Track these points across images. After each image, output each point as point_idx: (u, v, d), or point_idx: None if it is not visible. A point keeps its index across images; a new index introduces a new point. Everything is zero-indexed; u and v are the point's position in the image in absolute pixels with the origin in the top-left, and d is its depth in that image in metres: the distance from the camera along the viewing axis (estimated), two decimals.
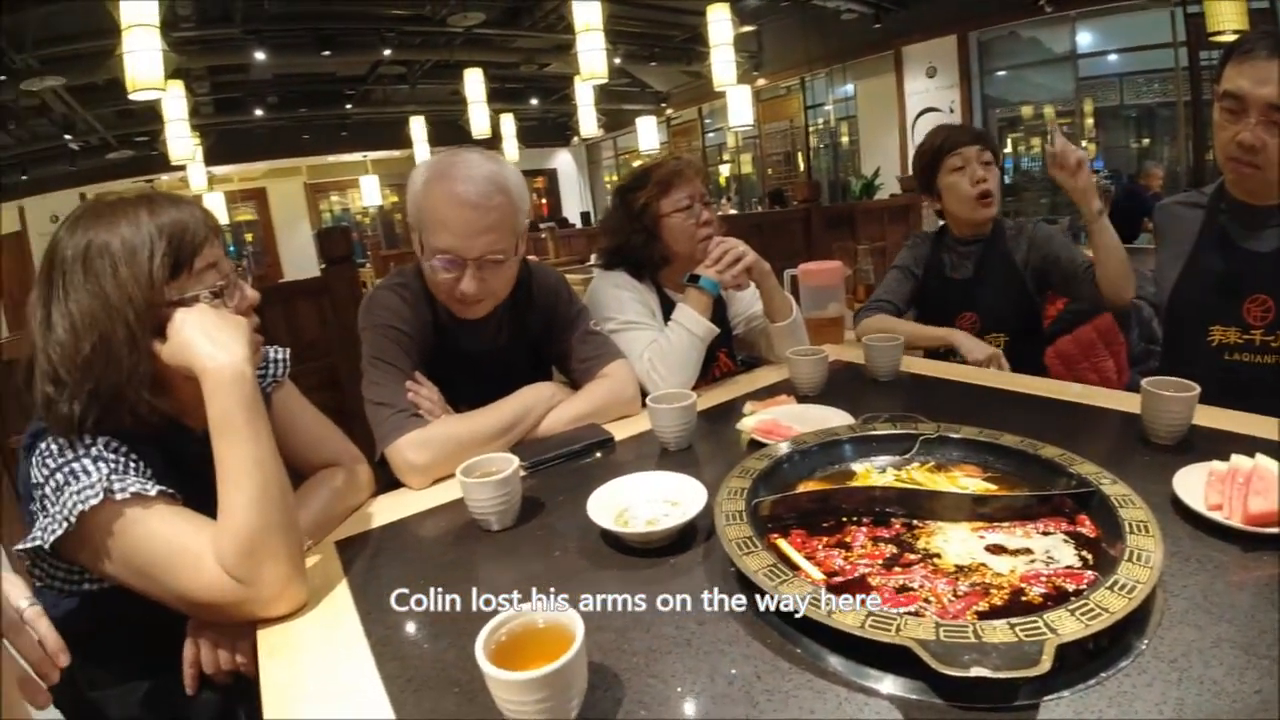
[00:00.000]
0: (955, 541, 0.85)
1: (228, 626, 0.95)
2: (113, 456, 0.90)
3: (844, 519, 0.91)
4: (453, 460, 1.18)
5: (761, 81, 10.24)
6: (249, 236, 13.13)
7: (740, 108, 6.96)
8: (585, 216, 12.72)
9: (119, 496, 0.86)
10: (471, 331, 1.45)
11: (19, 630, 0.74)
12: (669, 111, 12.21)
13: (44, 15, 5.76)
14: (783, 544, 0.87)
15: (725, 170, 11.99)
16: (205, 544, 0.87)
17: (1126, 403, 1.26)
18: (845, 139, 10.02)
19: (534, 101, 11.75)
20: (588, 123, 7.74)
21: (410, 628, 0.84)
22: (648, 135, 9.09)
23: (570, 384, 1.56)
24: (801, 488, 1.00)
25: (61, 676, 1.05)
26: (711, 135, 12.32)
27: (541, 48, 8.88)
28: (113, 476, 0.87)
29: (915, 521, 0.89)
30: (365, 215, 13.34)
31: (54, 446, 0.89)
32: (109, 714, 1.04)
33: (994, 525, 0.87)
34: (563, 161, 15.38)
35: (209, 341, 0.90)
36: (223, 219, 11.97)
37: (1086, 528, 0.85)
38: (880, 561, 0.82)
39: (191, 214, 0.96)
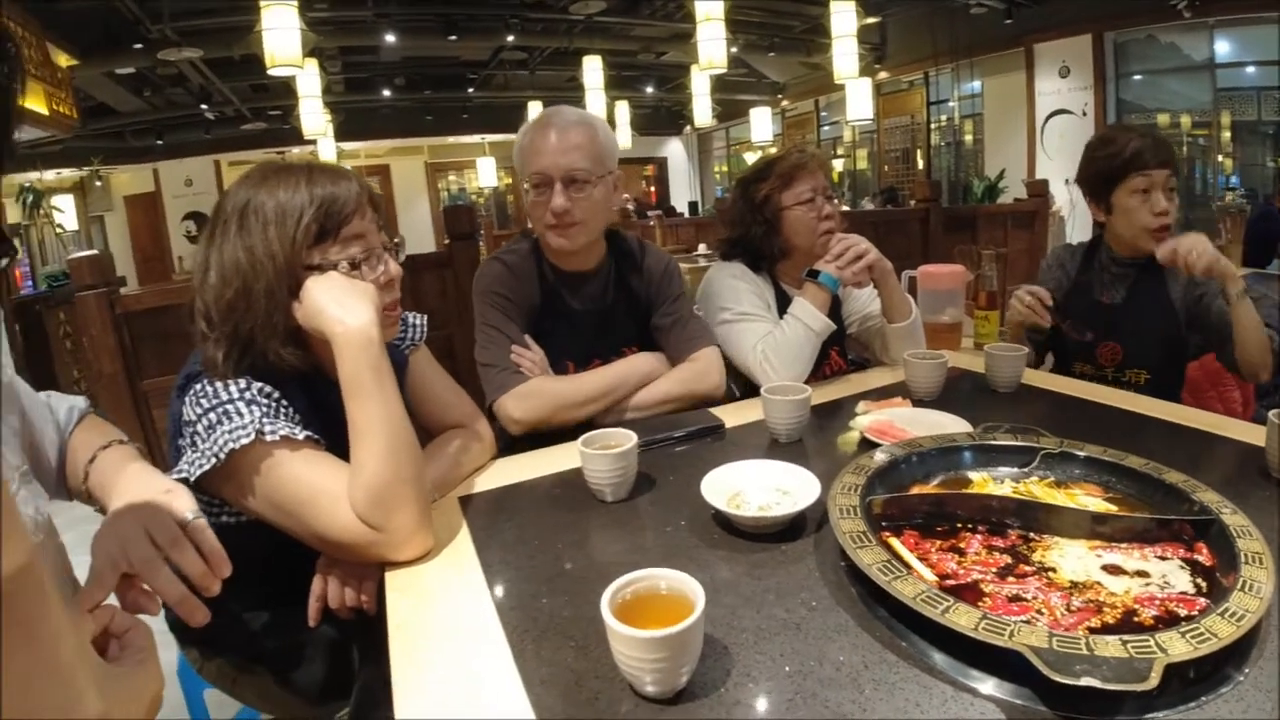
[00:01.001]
0: (1071, 557, 0.84)
1: (355, 566, 1.02)
2: (265, 401, 0.97)
3: (959, 525, 0.91)
4: (548, 414, 1.40)
5: (883, 75, 9.91)
6: None
7: (859, 101, 6.78)
8: (693, 206, 12.70)
9: (269, 438, 0.93)
10: (578, 289, 1.57)
11: (180, 545, 0.80)
12: (784, 103, 12.00)
13: None
14: (895, 543, 0.87)
15: (839, 165, 11.70)
16: (344, 488, 0.94)
17: (1251, 434, 1.22)
18: (969, 138, 9.55)
19: (649, 89, 11.80)
20: (702, 112, 7.71)
21: (529, 582, 0.89)
22: (761, 126, 8.98)
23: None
24: (915, 490, 1.00)
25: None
26: (827, 129, 12.02)
27: (659, 36, 8.91)
28: (264, 419, 0.94)
29: (1032, 534, 0.88)
30: (480, 195, 13.80)
31: (209, 388, 0.97)
32: (228, 639, 1.13)
33: (1112, 545, 0.86)
34: (674, 150, 15.38)
35: (338, 307, 0.96)
36: None
37: (1203, 555, 0.83)
38: (994, 570, 0.82)
39: (348, 188, 1.02)
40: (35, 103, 5.33)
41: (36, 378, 4.19)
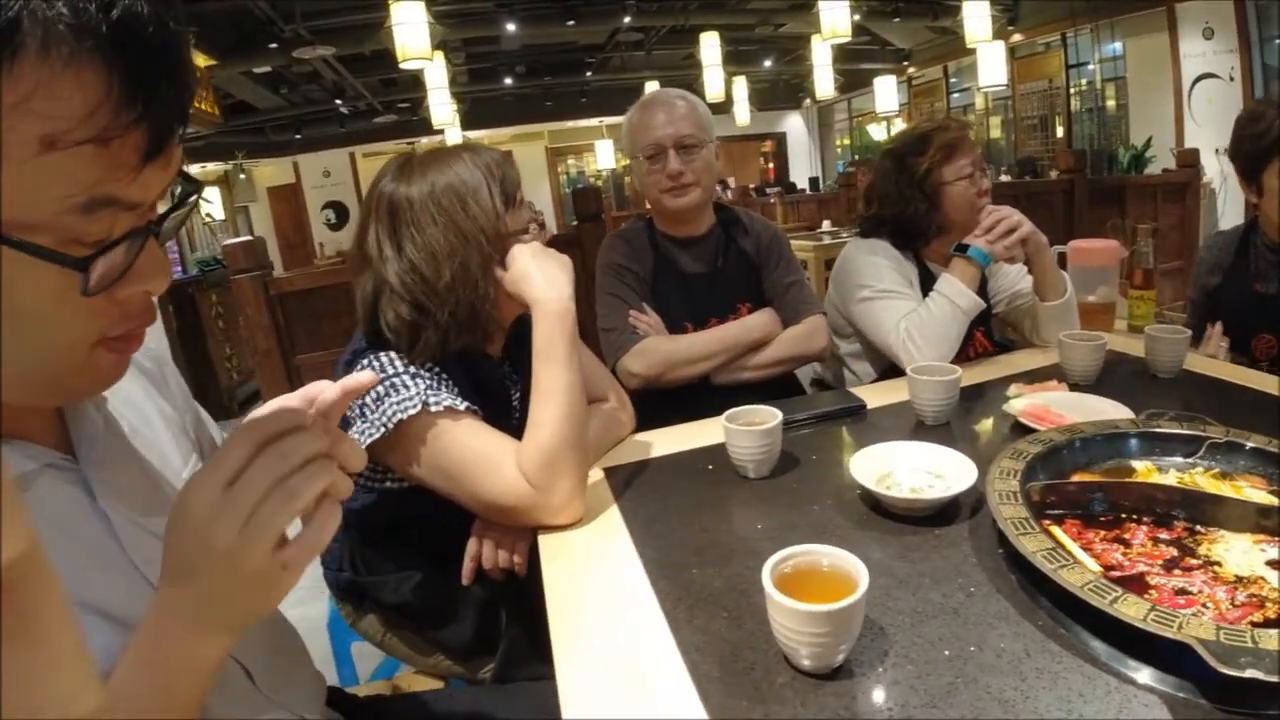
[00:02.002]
0: (1237, 551, 0.79)
1: (509, 529, 1.08)
2: (428, 375, 1.03)
3: (1123, 515, 0.87)
4: (663, 369, 1.55)
5: (1017, 37, 9.20)
6: None
7: (992, 66, 6.40)
8: (814, 182, 12.31)
9: (433, 409, 0.99)
10: (689, 253, 1.71)
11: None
12: (910, 70, 11.40)
13: None
14: (1057, 531, 0.84)
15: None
16: (506, 453, 0.99)
17: None
18: (1111, 103, 8.73)
19: (767, 63, 11.54)
20: (824, 83, 7.45)
21: (677, 552, 0.92)
22: (886, 96, 8.61)
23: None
24: (1076, 477, 0.96)
25: (340, 561, 1.21)
26: (956, 96, 11.33)
27: (777, 8, 8.67)
28: (428, 391, 1.00)
29: (1198, 526, 0.84)
30: (599, 178, 14.00)
31: (376, 362, 1.03)
32: (380, 597, 1.19)
33: (1276, 540, 0.80)
34: (793, 125, 14.97)
35: (542, 275, 1.03)
36: None
37: None
38: (1160, 562, 0.78)
39: (504, 158, 1.10)
40: None
41: (189, 355, 4.64)
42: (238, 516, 0.49)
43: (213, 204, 11.51)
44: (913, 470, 0.98)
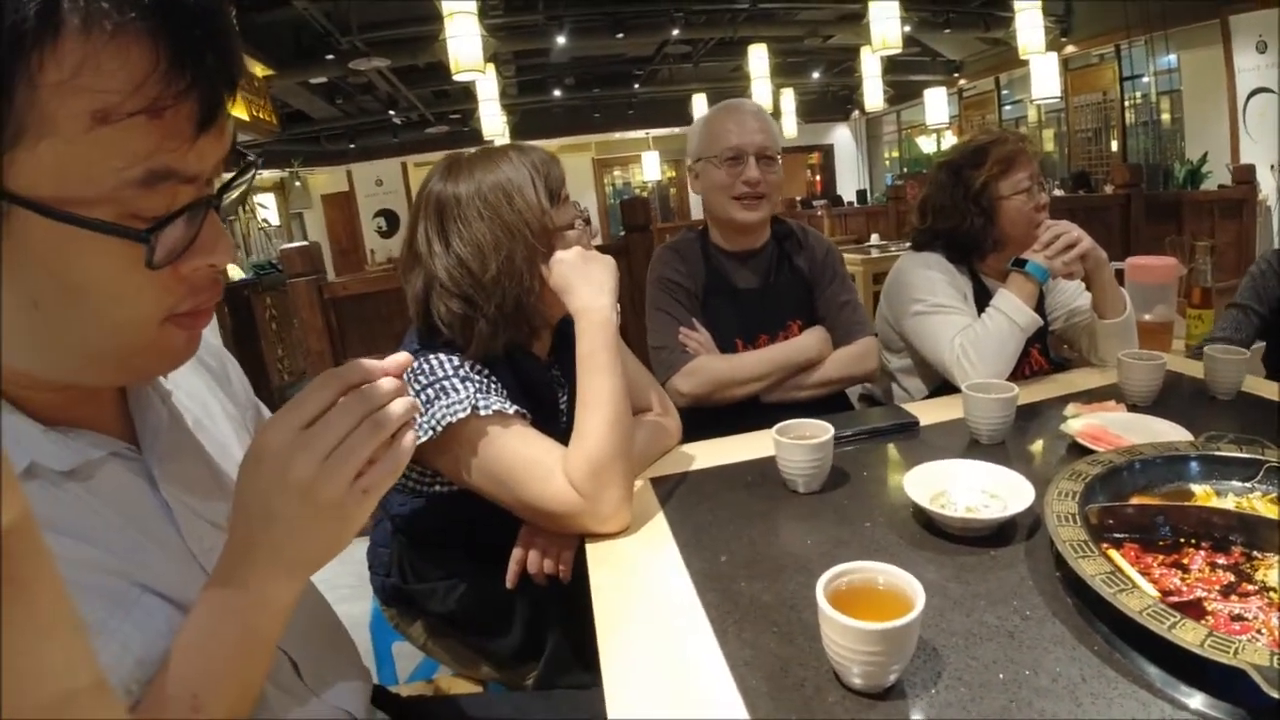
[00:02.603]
0: None
1: (556, 536, 1.09)
2: (478, 378, 1.03)
3: (1181, 539, 0.86)
4: (712, 389, 1.54)
5: (1070, 49, 9.00)
6: None
7: (1045, 77, 6.28)
8: (862, 195, 12.18)
9: (483, 413, 0.98)
10: (743, 268, 1.70)
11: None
12: (961, 82, 11.23)
13: (367, 3, 6.72)
14: (1115, 555, 0.83)
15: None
16: (556, 459, 1.00)
17: None
18: (1166, 116, 8.48)
19: (815, 75, 11.49)
20: (873, 95, 7.40)
21: (726, 565, 0.91)
22: (936, 108, 8.47)
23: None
24: (1134, 500, 0.94)
25: (388, 567, 1.22)
26: (1009, 108, 11.12)
27: (826, 19, 8.63)
28: (478, 395, 1.00)
29: (1255, 552, 0.82)
30: (645, 189, 14.07)
31: (426, 365, 1.03)
32: (427, 606, 1.20)
33: None
34: (840, 137, 14.84)
35: (586, 284, 1.05)
36: None
37: None
38: (1218, 588, 0.77)
39: (549, 156, 1.11)
40: (238, 110, 5.96)
41: (243, 355, 4.74)
42: (318, 452, 0.52)
43: (268, 209, 11.88)
44: (968, 489, 0.97)
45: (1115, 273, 1.66)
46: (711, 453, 1.29)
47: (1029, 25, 5.49)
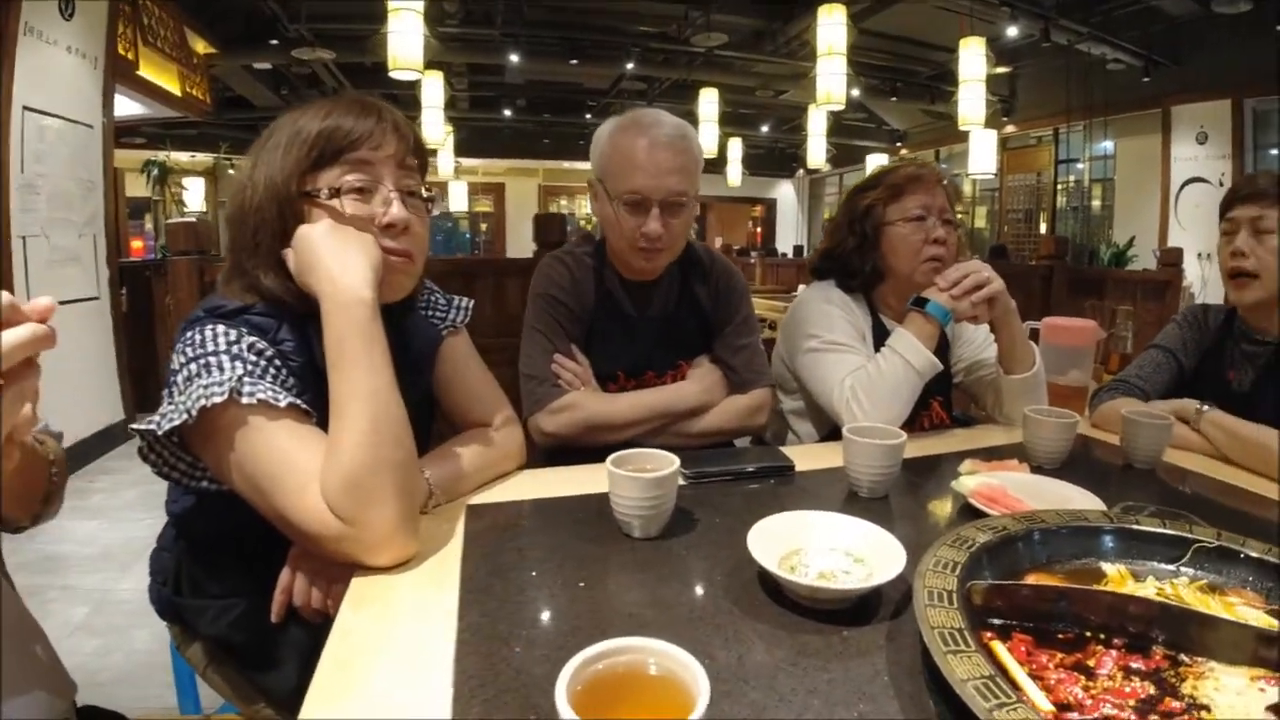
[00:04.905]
0: (1229, 692, 0.60)
1: (327, 562, 0.89)
2: (253, 358, 0.87)
3: (1087, 633, 0.67)
4: (580, 431, 1.33)
5: (1010, 128, 9.39)
6: (484, 226, 14.36)
7: (982, 153, 6.46)
8: (799, 250, 12.39)
9: (244, 400, 0.82)
10: (639, 297, 1.47)
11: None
12: (903, 151, 11.58)
13: None
14: (1000, 650, 0.64)
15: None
16: (319, 470, 0.81)
17: None
18: (1097, 202, 8.89)
19: (764, 129, 11.68)
20: (816, 151, 7.50)
21: (507, 621, 0.71)
22: None
23: None
24: (1031, 578, 0.76)
25: (167, 574, 1.06)
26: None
27: (780, 74, 8.78)
28: (244, 379, 0.83)
29: (1182, 654, 0.65)
30: (589, 223, 14.01)
31: (198, 336, 0.87)
32: (197, 625, 1.03)
33: (1278, 676, 0.61)
34: (784, 193, 15.20)
35: (332, 259, 0.87)
36: (463, 207, 13.16)
37: None
38: (1132, 703, 0.58)
39: (365, 122, 0.93)
40: (168, 81, 5.67)
41: (134, 336, 4.48)
42: None
43: (190, 191, 11.22)
44: (828, 550, 0.78)
45: (1030, 332, 1.53)
46: (552, 482, 1.09)
47: (971, 98, 5.61)
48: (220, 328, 0.87)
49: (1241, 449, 1.26)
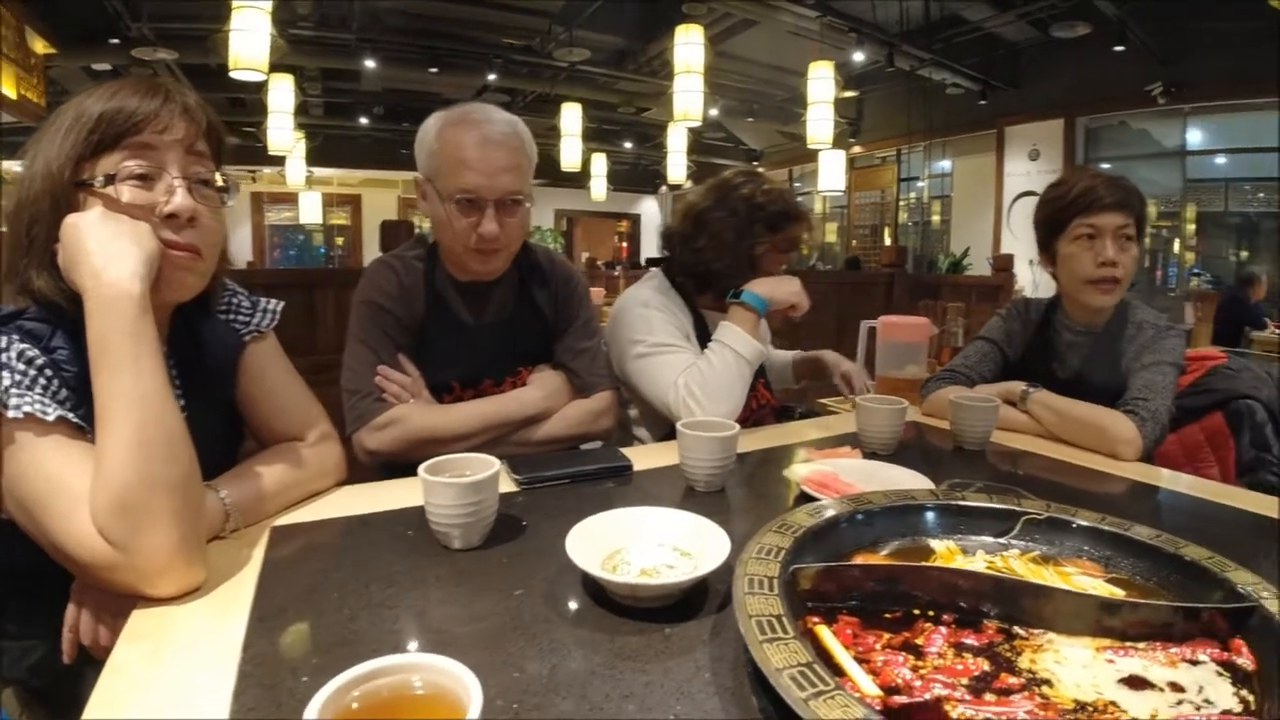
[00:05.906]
0: (1074, 664, 0.60)
1: (111, 595, 0.79)
2: (22, 368, 0.76)
3: (915, 610, 0.67)
4: (408, 447, 1.20)
5: (857, 149, 10.05)
6: (340, 240, 13.63)
7: (832, 172, 6.81)
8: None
9: (10, 414, 0.73)
10: (473, 301, 1.38)
11: None
12: (760, 170, 12.14)
13: None
14: (824, 634, 0.62)
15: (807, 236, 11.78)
16: (88, 492, 0.71)
17: (1253, 502, 1.07)
18: (936, 218, 9.68)
19: (627, 145, 11.84)
20: (676, 168, 7.68)
21: (300, 648, 0.63)
22: None
23: None
24: (859, 559, 0.76)
25: None
26: (799, 199, 12.15)
27: (642, 92, 8.94)
28: (11, 390, 0.74)
29: (1017, 628, 0.65)
30: None
31: None
32: (4, 666, 0.92)
33: (1127, 646, 0.62)
34: (648, 209, 15.46)
35: (99, 251, 0.77)
36: (318, 220, 12.44)
37: (1244, 657, 0.60)
38: (965, 681, 0.57)
39: (151, 103, 0.83)
40: (4, 84, 5.10)
41: None
42: None
43: None
44: (654, 546, 0.74)
45: (868, 331, 1.60)
46: (374, 497, 1.00)
47: (819, 119, 5.92)
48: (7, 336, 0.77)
49: (1069, 426, 1.35)
